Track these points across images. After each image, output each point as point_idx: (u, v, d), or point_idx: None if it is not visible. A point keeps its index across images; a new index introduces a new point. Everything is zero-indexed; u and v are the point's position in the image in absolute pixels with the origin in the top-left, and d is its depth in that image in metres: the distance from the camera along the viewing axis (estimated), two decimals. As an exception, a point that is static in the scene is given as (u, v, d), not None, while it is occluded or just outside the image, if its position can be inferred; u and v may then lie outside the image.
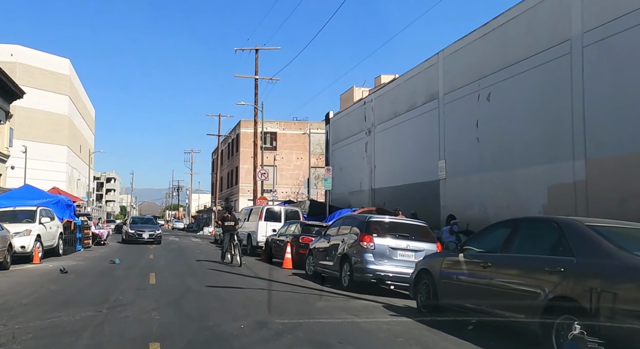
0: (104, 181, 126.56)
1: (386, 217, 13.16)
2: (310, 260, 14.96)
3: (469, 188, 17.71)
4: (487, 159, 16.81)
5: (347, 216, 14.30)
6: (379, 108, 24.91)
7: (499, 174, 16.20)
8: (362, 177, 26.56)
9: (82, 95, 78.20)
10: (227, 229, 18.26)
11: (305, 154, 54.89)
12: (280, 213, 24.03)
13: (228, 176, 64.33)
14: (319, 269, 14.23)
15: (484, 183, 16.94)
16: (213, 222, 59.27)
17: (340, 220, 14.07)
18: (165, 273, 14.66)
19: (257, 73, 38.35)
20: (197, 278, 13.82)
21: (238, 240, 18.03)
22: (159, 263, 17.90)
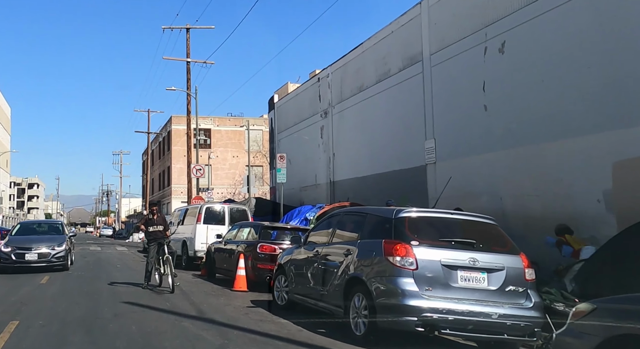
0: (26, 188, 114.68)
1: (427, 210, 7.77)
2: (282, 281, 9.64)
3: (471, 172, 13.02)
4: (500, 132, 12.17)
5: (348, 212, 8.85)
6: (338, 83, 19.94)
7: (520, 151, 11.57)
8: (318, 169, 21.52)
9: (-8, 92, 68.60)
10: (154, 237, 12.69)
11: (242, 152, 49.25)
12: (224, 214, 18.52)
13: (160, 177, 57.55)
14: (298, 297, 8.93)
15: (495, 164, 12.29)
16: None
17: (332, 219, 8.59)
18: (39, 320, 8.39)
19: (189, 55, 32.48)
20: (93, 331, 7.62)
21: (169, 252, 12.48)
22: (46, 294, 11.82)
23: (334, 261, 7.73)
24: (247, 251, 12.75)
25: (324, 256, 8.07)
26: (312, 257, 8.36)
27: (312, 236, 9.01)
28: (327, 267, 7.77)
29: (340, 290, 7.24)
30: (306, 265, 8.63)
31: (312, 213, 15.43)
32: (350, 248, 7.34)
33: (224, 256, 14.27)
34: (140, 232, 13.50)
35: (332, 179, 20.26)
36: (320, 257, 8.14)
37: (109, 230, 74.62)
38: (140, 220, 13.35)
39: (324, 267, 7.90)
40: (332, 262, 7.82)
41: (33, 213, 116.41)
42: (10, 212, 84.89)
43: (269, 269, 12.15)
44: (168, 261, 12.24)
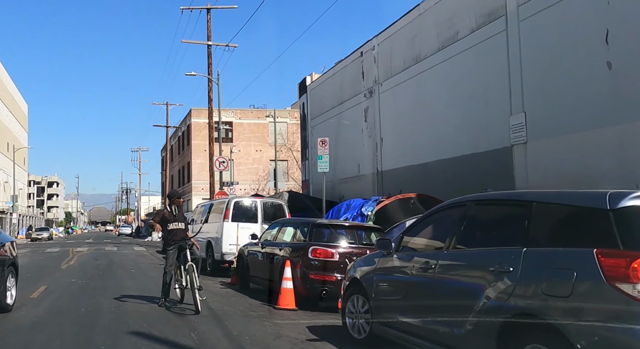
0: (45, 186, 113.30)
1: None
2: (359, 304, 6.54)
3: (586, 152, 9.85)
4: (632, 98, 8.99)
5: (487, 200, 5.24)
6: (387, 56, 16.81)
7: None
8: (361, 157, 18.43)
9: (8, 85, 66.58)
10: (174, 238, 9.70)
11: (265, 146, 46.42)
12: (256, 209, 15.48)
13: (179, 173, 54.91)
14: (392, 332, 5.73)
15: (626, 140, 9.12)
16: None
17: (449, 212, 5.13)
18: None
19: (209, 38, 29.62)
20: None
21: (193, 258, 9.49)
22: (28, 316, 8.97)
23: (466, 282, 4.66)
24: (295, 256, 9.70)
25: (442, 271, 4.98)
26: (418, 272, 5.28)
27: (411, 239, 5.90)
28: (452, 290, 4.71)
29: (491, 335, 4.15)
30: (406, 283, 5.55)
31: (370, 207, 12.39)
32: (503, 262, 4.24)
33: (261, 262, 11.24)
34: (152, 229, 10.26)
35: (380, 168, 17.16)
36: (436, 272, 5.04)
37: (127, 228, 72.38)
38: (156, 216, 10.31)
39: (443, 290, 4.83)
40: (459, 282, 4.75)
41: (53, 211, 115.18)
42: (30, 211, 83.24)
43: (324, 280, 9.15)
44: (191, 271, 9.25)
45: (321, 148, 15.57)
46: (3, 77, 63.70)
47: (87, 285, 12.94)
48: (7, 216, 54.96)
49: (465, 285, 4.65)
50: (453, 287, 4.81)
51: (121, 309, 9.18)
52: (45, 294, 11.23)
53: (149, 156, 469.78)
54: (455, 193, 12.55)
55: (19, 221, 62.30)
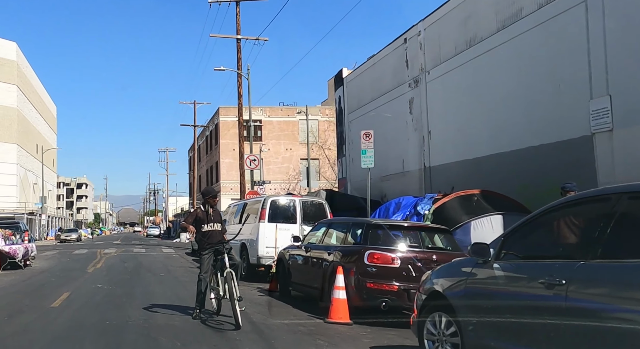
0: (75, 188, 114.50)
1: None
2: (441, 324, 5.18)
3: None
4: None
5: None
6: (434, 41, 15.47)
7: None
8: (406, 152, 17.11)
9: (37, 86, 67.07)
10: (209, 241, 8.51)
11: (295, 144, 45.35)
12: (295, 209, 14.28)
13: (207, 173, 54.26)
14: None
15: None
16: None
17: None
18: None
19: (239, 32, 28.63)
20: None
21: (232, 264, 8.34)
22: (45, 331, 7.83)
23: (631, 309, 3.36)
24: (347, 262, 8.46)
25: (579, 290, 3.68)
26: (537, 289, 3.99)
27: (517, 244, 4.60)
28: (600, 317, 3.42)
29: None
30: (518, 302, 4.27)
31: (426, 205, 11.08)
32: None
33: (305, 267, 10.05)
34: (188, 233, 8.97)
35: (428, 164, 15.82)
36: (569, 291, 3.74)
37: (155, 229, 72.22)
38: (189, 216, 9.18)
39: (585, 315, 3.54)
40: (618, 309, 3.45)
41: (82, 213, 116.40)
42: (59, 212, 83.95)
43: (383, 290, 7.90)
44: (230, 279, 8.09)
45: (365, 142, 14.31)
46: (32, 80, 64.15)
47: (113, 292, 11.94)
48: (36, 217, 55.13)
49: (631, 312, 3.33)
50: (604, 314, 3.50)
51: (151, 323, 8.08)
52: (67, 303, 10.24)
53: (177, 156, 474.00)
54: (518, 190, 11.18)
55: (48, 222, 62.59)
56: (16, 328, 7.80)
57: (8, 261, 17.81)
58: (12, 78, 54.66)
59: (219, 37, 31.77)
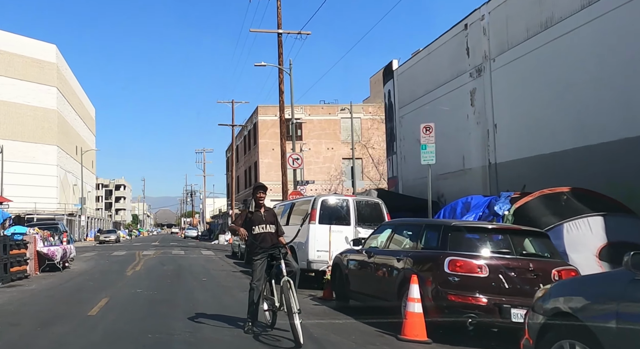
0: (113, 189, 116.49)
1: None
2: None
3: None
4: None
5: None
6: (501, 25, 14.20)
7: None
8: (466, 148, 15.87)
9: (76, 88, 68.15)
10: (262, 245, 7.56)
11: (337, 143, 44.34)
12: (348, 209, 13.22)
13: (245, 174, 53.79)
14: None
15: None
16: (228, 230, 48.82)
17: None
18: None
19: (280, 26, 27.88)
20: None
21: (290, 272, 7.36)
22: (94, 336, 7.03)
23: None
24: (424, 270, 7.37)
25: None
26: None
27: None
28: None
29: None
30: None
31: (504, 205, 9.87)
32: None
33: (368, 274, 9.00)
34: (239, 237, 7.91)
35: (493, 160, 14.55)
36: None
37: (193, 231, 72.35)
38: (238, 218, 8.21)
39: None
40: None
41: (120, 214, 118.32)
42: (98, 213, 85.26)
43: (469, 304, 6.78)
44: (287, 288, 7.12)
45: (425, 136, 13.16)
46: (71, 81, 65.19)
47: (154, 298, 11.16)
48: (76, 218, 55.76)
49: None
50: None
51: (198, 337, 7.18)
52: (105, 311, 9.46)
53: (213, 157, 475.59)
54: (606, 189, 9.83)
55: (88, 223, 63.38)
56: (50, 341, 7.02)
57: (47, 263, 17.39)
58: (52, 80, 55.52)
59: (259, 32, 31.09)
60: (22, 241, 15.83)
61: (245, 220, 7.85)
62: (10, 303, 10.87)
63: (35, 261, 16.91)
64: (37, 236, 17.22)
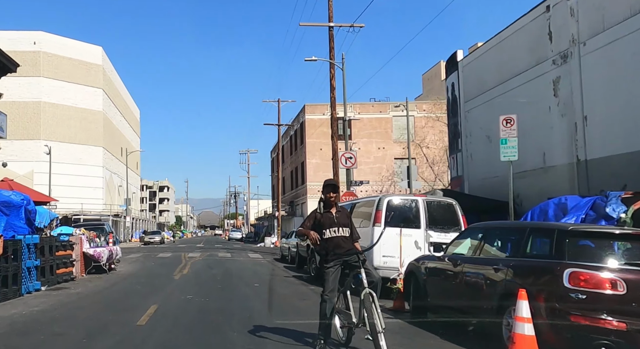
0: (157, 190, 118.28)
1: None
2: None
3: None
4: None
5: None
6: (594, 4, 12.76)
7: None
8: (548, 143, 14.44)
9: (121, 90, 69.19)
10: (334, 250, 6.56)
11: (389, 143, 43.10)
12: (417, 210, 12.02)
13: (291, 175, 53.14)
14: None
15: None
16: (276, 231, 48.19)
17: None
18: None
19: (331, 19, 26.95)
20: None
21: (370, 283, 6.31)
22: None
23: None
24: (533, 283, 6.15)
25: None
26: None
27: None
28: None
29: None
30: None
31: (617, 207, 8.52)
32: None
33: (454, 285, 7.82)
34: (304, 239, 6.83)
35: (582, 157, 13.10)
36: None
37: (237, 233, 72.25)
38: (306, 219, 7.16)
39: None
40: None
41: (164, 215, 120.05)
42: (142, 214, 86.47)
43: (602, 328, 5.54)
44: (369, 302, 6.08)
45: (505, 130, 11.88)
46: (117, 83, 66.19)
47: (206, 306, 10.30)
48: (121, 219, 56.36)
49: None
50: None
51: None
52: (155, 321, 8.64)
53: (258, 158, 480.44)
54: None
55: (133, 224, 64.09)
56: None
57: (93, 265, 16.93)
58: (98, 82, 56.36)
59: (309, 25, 30.21)
60: (68, 242, 15.36)
61: (314, 222, 6.85)
62: (55, 308, 10.25)
63: (82, 263, 16.45)
64: (83, 237, 16.76)
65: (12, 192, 13.39)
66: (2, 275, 11.12)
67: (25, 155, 50.18)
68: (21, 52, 42.89)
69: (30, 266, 12.29)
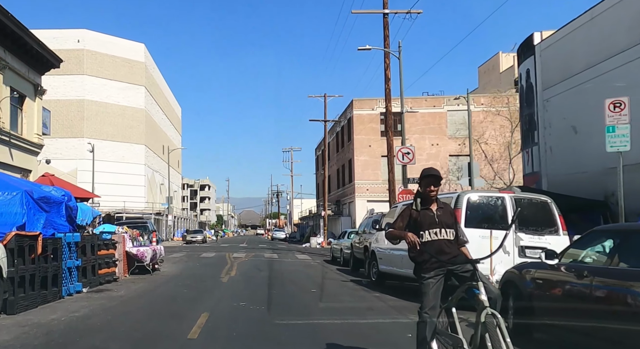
0: (198, 189, 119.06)
1: None
2: None
3: None
4: None
5: None
6: None
7: None
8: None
9: (163, 87, 69.41)
10: (438, 257, 5.17)
11: (443, 139, 41.36)
12: (504, 209, 10.54)
13: (337, 173, 51.87)
14: None
15: None
16: (322, 231, 47.01)
17: None
18: None
19: (385, 6, 25.53)
20: None
21: (491, 299, 4.99)
22: None
23: None
24: None
25: None
26: None
27: None
28: None
29: None
30: None
31: None
32: None
33: (581, 302, 6.36)
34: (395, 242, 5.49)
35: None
36: None
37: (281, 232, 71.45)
38: (398, 218, 5.72)
39: None
40: None
41: (205, 214, 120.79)
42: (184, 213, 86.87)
43: None
44: (493, 327, 4.74)
45: (613, 115, 10.30)
46: (159, 81, 66.40)
47: (264, 316, 9.13)
48: (163, 218, 56.31)
49: None
50: None
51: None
52: (208, 334, 7.53)
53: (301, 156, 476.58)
54: None
55: (174, 223, 64.12)
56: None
57: (136, 265, 16.08)
58: (141, 80, 56.48)
59: (362, 13, 28.97)
60: (110, 240, 14.50)
61: (410, 221, 5.52)
62: (97, 314, 9.28)
63: (124, 263, 15.62)
64: (126, 235, 15.92)
65: (52, 188, 12.58)
66: (42, 276, 10.25)
67: (69, 153, 50.62)
68: (65, 50, 43.06)
69: (71, 267, 11.41)
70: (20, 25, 22.41)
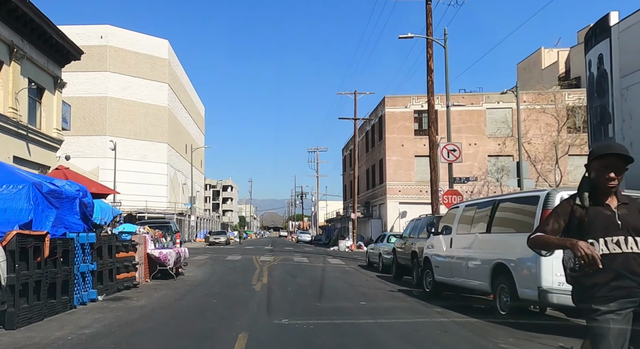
0: (220, 190, 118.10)
1: None
2: None
3: None
4: None
5: None
6: None
7: None
8: None
9: (187, 85, 68.35)
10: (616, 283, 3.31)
11: (481, 138, 39.33)
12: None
13: (367, 174, 50.02)
14: None
15: None
16: (351, 234, 45.24)
17: None
18: None
19: (427, -10, 23.76)
20: None
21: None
22: None
23: None
24: None
25: None
26: None
27: None
28: None
29: None
30: None
31: None
32: None
33: None
34: (547, 253, 3.64)
35: None
36: None
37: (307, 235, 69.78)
38: (550, 219, 3.78)
39: None
40: None
41: (227, 215, 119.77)
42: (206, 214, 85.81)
43: None
44: None
45: None
46: (182, 78, 65.36)
47: (314, 339, 7.43)
48: (185, 218, 55.10)
49: None
50: None
51: None
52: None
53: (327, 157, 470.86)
54: None
55: (197, 224, 62.92)
56: None
57: (158, 269, 14.55)
58: (164, 77, 55.43)
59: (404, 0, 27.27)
60: (130, 241, 12.98)
61: (569, 222, 3.64)
62: (111, 331, 7.70)
63: (145, 266, 14.09)
64: (148, 236, 14.38)
65: (65, 182, 11.06)
66: (49, 283, 8.72)
67: (91, 151, 49.74)
68: (88, 46, 42.08)
69: (84, 271, 9.88)
70: (39, 12, 21.16)
